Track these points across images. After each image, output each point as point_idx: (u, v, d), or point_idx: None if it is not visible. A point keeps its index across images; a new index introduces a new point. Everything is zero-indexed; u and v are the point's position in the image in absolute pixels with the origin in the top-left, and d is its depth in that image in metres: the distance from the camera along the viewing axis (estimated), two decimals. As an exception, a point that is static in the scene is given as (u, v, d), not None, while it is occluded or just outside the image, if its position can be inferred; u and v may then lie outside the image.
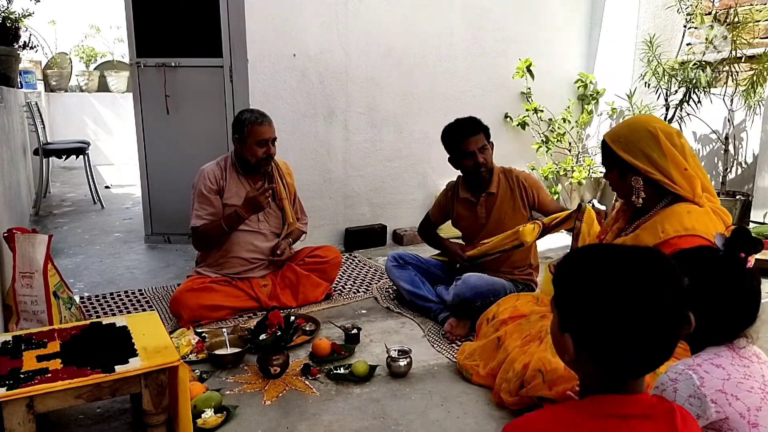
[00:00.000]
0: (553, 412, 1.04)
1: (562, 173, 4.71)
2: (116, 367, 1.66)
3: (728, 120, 4.16)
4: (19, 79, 4.89)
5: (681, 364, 1.28)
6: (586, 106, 4.81)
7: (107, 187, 6.44)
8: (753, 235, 1.30)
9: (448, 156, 2.94)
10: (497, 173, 2.91)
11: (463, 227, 3.07)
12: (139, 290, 3.32)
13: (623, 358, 0.95)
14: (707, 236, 1.79)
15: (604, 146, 1.99)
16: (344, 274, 3.58)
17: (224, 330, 2.56)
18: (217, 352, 2.43)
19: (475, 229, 2.98)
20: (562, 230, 2.75)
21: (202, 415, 1.96)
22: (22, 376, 1.60)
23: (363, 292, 3.30)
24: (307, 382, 2.28)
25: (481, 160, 2.81)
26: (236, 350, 2.44)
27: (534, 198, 2.90)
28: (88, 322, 2.03)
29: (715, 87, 4.13)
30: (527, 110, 4.60)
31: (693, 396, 1.22)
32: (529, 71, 4.49)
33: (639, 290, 0.94)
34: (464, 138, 2.81)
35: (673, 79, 4.12)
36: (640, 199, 1.94)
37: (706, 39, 4.06)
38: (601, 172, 4.71)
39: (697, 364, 1.27)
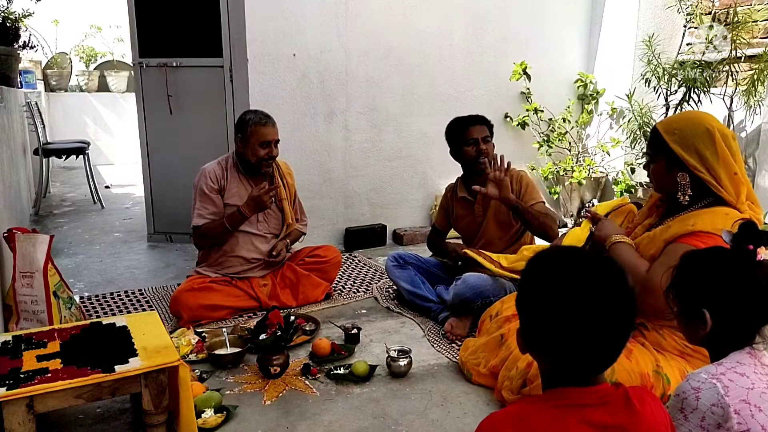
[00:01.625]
0: (519, 406, 1.11)
1: (562, 173, 4.71)
2: (116, 367, 1.66)
3: (728, 120, 4.16)
4: (19, 79, 4.88)
5: (703, 373, 1.25)
6: (586, 106, 4.81)
7: (107, 187, 6.44)
8: (760, 228, 1.29)
9: (450, 149, 2.96)
10: None
11: (462, 227, 3.07)
12: (139, 290, 3.32)
13: (565, 357, 1.02)
14: None
15: (656, 135, 1.93)
16: (344, 274, 3.58)
17: (224, 330, 2.56)
18: (217, 352, 2.43)
19: (473, 228, 2.98)
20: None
21: (202, 415, 1.96)
22: (22, 376, 1.60)
23: (363, 292, 3.30)
24: (307, 382, 2.28)
25: (483, 148, 2.85)
26: (236, 350, 2.44)
27: (519, 193, 2.85)
28: (88, 322, 2.03)
29: (715, 87, 4.13)
30: (527, 110, 4.60)
31: (716, 405, 1.19)
32: (526, 74, 4.49)
33: (582, 295, 1.00)
34: (468, 125, 2.88)
35: (673, 79, 4.12)
36: (687, 197, 1.89)
37: (706, 39, 4.06)
38: (601, 173, 4.71)
39: (720, 372, 1.23)
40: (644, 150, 4.27)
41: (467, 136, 2.86)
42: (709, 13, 4.21)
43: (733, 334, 1.29)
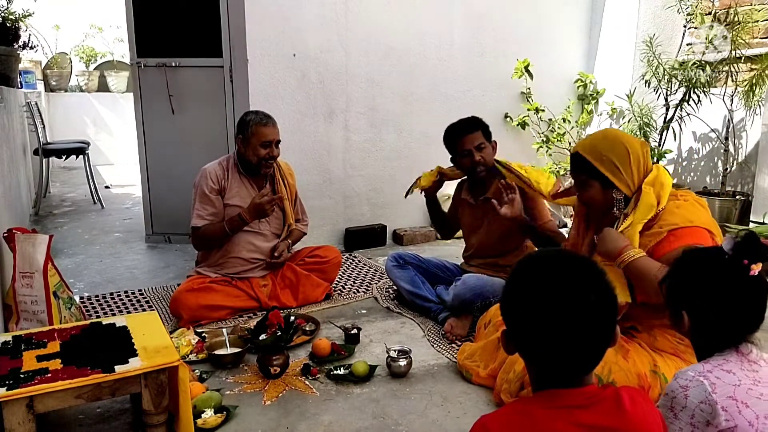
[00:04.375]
0: (510, 408, 1.13)
1: (562, 173, 4.71)
2: (116, 367, 1.66)
3: (728, 120, 4.16)
4: (19, 79, 4.88)
5: (691, 371, 1.27)
6: (586, 106, 4.81)
7: (107, 187, 6.44)
8: (762, 242, 1.28)
9: (450, 156, 2.94)
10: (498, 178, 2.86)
11: (464, 224, 3.08)
12: (139, 290, 3.32)
13: (552, 359, 1.03)
14: (708, 226, 1.87)
15: (585, 162, 2.03)
16: (344, 274, 3.58)
17: (224, 330, 2.56)
18: (217, 352, 2.43)
19: (473, 229, 2.98)
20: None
21: (202, 415, 1.96)
22: (22, 376, 1.60)
23: (363, 292, 3.30)
24: (307, 382, 2.28)
25: (477, 158, 2.78)
26: (236, 350, 2.44)
27: (530, 210, 2.79)
28: (88, 322, 2.03)
29: (715, 87, 4.14)
30: (527, 110, 4.60)
31: (704, 402, 1.20)
32: (528, 72, 4.49)
33: (561, 297, 1.00)
34: (461, 136, 2.80)
35: (673, 79, 4.12)
36: (621, 208, 2.01)
37: (706, 39, 4.06)
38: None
39: (707, 370, 1.25)
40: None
41: (460, 147, 2.80)
42: (709, 13, 4.21)
43: (718, 340, 1.30)
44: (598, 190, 2.04)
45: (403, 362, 2.32)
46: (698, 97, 4.06)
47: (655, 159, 4.14)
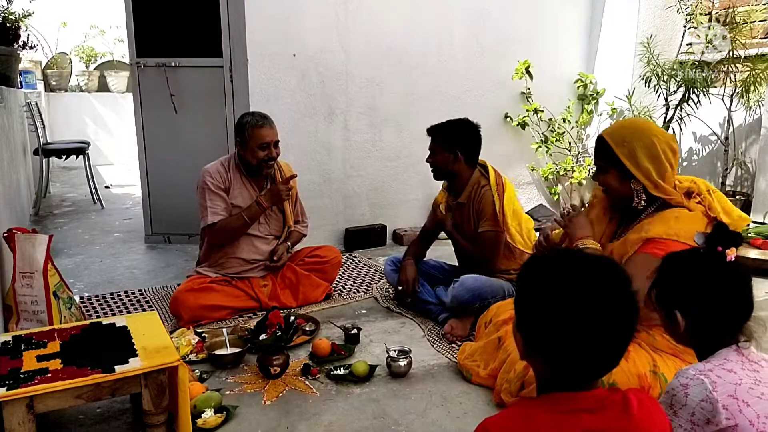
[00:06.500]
0: (513, 411, 1.10)
1: (562, 173, 4.71)
2: (116, 367, 1.66)
3: (728, 120, 4.16)
4: (19, 79, 4.88)
5: (692, 369, 1.27)
6: (586, 106, 4.81)
7: (107, 187, 6.44)
8: (731, 229, 1.33)
9: None
10: (472, 184, 2.86)
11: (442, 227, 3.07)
12: (139, 290, 3.32)
13: (567, 362, 1.01)
14: (689, 241, 1.83)
15: (606, 147, 2.00)
16: (344, 274, 3.58)
17: (224, 330, 2.56)
18: (217, 352, 2.43)
19: (447, 230, 2.98)
20: None
21: (202, 415, 1.96)
22: (22, 376, 1.60)
23: (363, 292, 3.30)
24: (307, 382, 2.28)
25: (428, 160, 2.95)
26: (236, 350, 2.44)
27: (477, 214, 2.82)
28: (88, 322, 2.04)
29: (714, 87, 4.14)
30: (527, 110, 4.60)
31: (705, 401, 1.21)
32: (528, 73, 4.49)
33: (583, 299, 0.98)
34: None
35: (673, 79, 4.12)
36: (642, 201, 1.99)
37: (706, 39, 4.07)
38: (601, 172, 4.71)
39: (708, 369, 1.26)
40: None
41: None
42: (709, 14, 4.22)
43: (714, 334, 1.32)
44: (615, 178, 2.01)
45: (403, 362, 2.32)
46: (697, 97, 4.06)
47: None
